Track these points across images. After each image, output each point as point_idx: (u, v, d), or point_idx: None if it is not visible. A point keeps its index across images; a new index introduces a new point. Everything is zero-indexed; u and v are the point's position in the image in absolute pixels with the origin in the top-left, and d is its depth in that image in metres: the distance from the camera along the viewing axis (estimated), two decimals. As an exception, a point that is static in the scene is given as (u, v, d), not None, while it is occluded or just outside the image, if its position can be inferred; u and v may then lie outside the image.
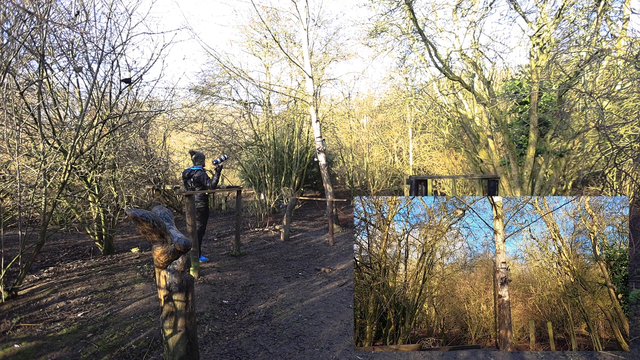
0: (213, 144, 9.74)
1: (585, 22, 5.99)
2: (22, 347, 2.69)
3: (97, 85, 4.48)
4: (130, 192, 5.69)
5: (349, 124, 14.35)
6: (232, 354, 2.67)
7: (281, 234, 7.11)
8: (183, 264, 2.14)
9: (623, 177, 5.08)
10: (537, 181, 6.48)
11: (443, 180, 10.90)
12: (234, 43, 12.15)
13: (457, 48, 7.03)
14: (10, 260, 3.71)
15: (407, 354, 2.69)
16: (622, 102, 6.25)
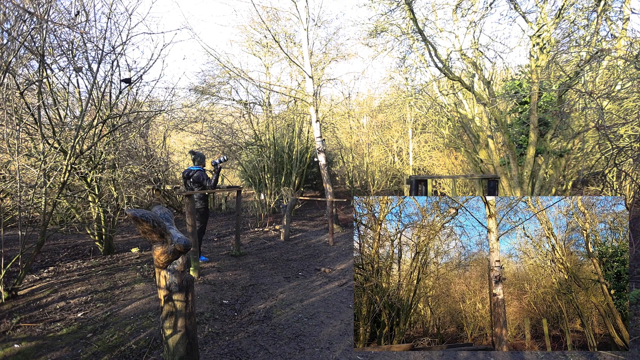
0: (213, 144, 9.74)
1: (585, 22, 5.99)
2: (22, 347, 2.69)
3: (97, 85, 4.48)
4: (130, 192, 5.69)
5: (349, 124, 14.35)
6: (232, 354, 2.67)
7: (281, 234, 7.11)
8: (183, 264, 2.14)
9: (623, 177, 5.08)
10: (537, 181, 6.48)
11: (443, 180, 10.90)
12: (234, 43, 12.15)
13: (457, 48, 7.03)
14: (10, 260, 3.71)
15: (407, 354, 2.69)
16: (622, 102, 6.24)
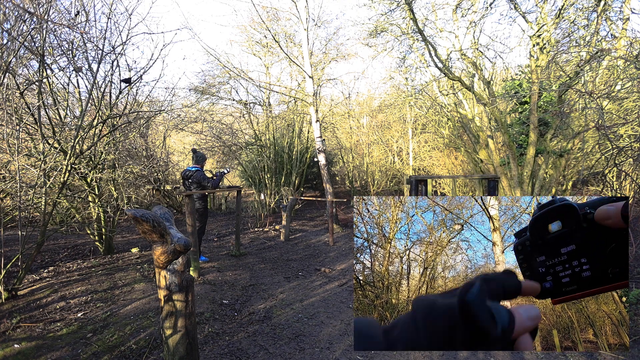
0: (213, 144, 9.74)
1: (585, 22, 5.99)
2: (22, 347, 2.69)
3: (97, 85, 4.48)
4: (130, 192, 5.69)
5: (349, 124, 14.35)
6: (232, 354, 2.67)
7: (281, 234, 7.11)
8: (183, 264, 2.14)
9: (623, 177, 5.08)
10: (537, 181, 6.48)
11: (443, 180, 10.90)
12: (234, 43, 12.15)
13: (457, 48, 7.03)
14: (10, 260, 3.71)
15: (408, 354, 2.69)
16: (622, 102, 6.24)
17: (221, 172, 5.31)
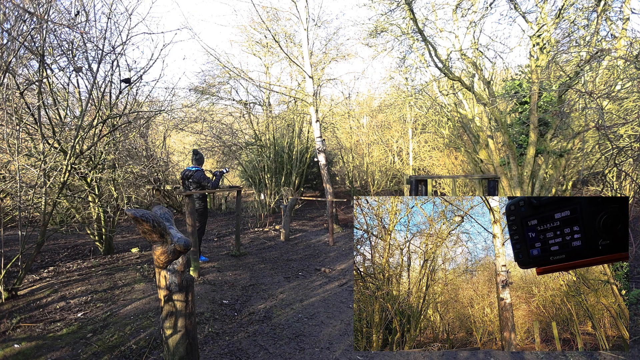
0: (213, 144, 9.74)
1: (585, 22, 5.99)
2: (22, 347, 2.69)
3: (97, 85, 4.48)
4: (130, 192, 5.69)
5: (349, 124, 14.35)
6: (232, 354, 2.67)
7: (281, 234, 7.11)
8: (183, 264, 2.14)
9: (623, 177, 5.08)
10: (537, 181, 6.48)
11: (443, 180, 10.89)
12: (234, 43, 12.16)
13: (457, 48, 7.03)
14: (10, 260, 3.71)
15: (408, 354, 2.69)
16: (622, 102, 6.24)
17: (220, 171, 5.32)
